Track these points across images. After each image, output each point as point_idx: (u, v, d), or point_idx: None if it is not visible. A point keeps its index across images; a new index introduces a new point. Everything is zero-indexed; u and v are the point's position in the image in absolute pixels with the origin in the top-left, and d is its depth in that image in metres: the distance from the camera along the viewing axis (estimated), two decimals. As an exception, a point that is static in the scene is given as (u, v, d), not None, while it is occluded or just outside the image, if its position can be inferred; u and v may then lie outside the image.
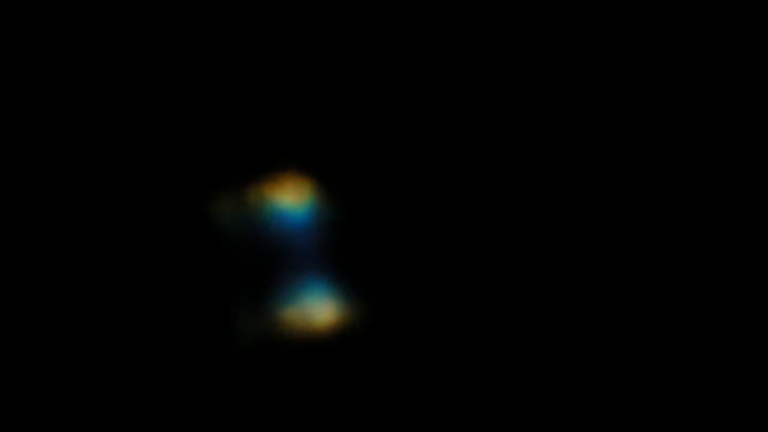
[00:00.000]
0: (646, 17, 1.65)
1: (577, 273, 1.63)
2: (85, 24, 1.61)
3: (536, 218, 1.64)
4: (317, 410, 1.58)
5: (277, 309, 1.61)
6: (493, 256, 1.62)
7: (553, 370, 1.60)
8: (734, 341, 1.60)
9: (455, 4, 1.65)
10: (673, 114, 1.66)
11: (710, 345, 1.60)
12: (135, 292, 1.58)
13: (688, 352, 1.61)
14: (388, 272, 1.63)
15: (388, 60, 1.64)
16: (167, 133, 1.61)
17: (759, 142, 1.63)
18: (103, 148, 1.60)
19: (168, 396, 1.56)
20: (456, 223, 1.63)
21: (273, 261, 1.61)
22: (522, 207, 1.63)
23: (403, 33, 1.64)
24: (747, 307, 1.60)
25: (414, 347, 1.60)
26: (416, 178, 1.64)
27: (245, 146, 1.62)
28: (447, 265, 1.62)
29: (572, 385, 1.60)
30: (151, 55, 1.61)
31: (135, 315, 1.57)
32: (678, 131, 1.65)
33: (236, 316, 1.60)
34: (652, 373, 1.60)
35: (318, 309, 1.61)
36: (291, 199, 1.63)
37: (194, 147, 1.62)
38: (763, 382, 1.57)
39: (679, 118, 1.66)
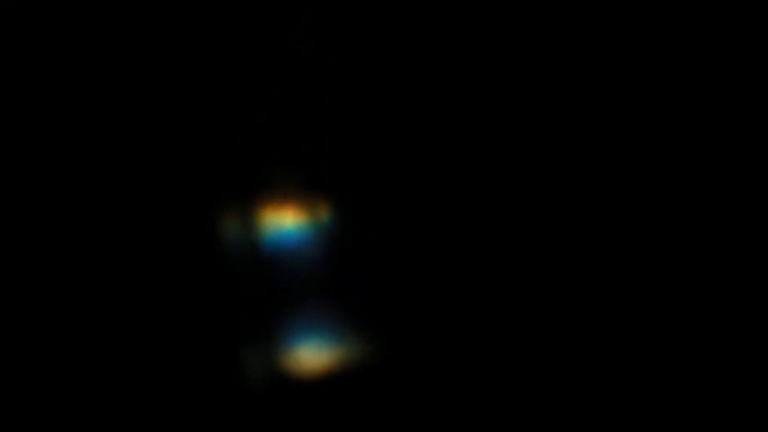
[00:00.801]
0: (646, 17, 1.65)
1: (582, 286, 1.63)
2: (86, 30, 1.61)
3: (544, 242, 1.63)
4: None
5: (282, 340, 1.60)
6: (503, 284, 1.62)
7: (560, 399, 1.60)
8: (734, 341, 1.60)
9: (455, 4, 1.65)
10: (673, 114, 1.66)
11: (710, 345, 1.61)
12: (137, 312, 1.57)
13: (688, 353, 1.61)
14: (395, 297, 1.62)
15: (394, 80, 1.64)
16: (168, 155, 1.60)
17: (759, 142, 1.63)
18: (105, 169, 1.59)
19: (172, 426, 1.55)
20: (466, 249, 1.62)
21: (278, 289, 1.60)
22: (528, 234, 1.63)
23: (403, 36, 1.64)
24: (747, 307, 1.61)
25: (423, 376, 1.60)
26: (427, 200, 1.63)
27: (247, 168, 1.62)
28: (456, 291, 1.61)
29: (576, 393, 1.60)
30: (151, 74, 1.60)
31: (138, 335, 1.57)
32: (678, 131, 1.66)
33: (242, 346, 1.59)
34: (652, 373, 1.61)
35: (323, 341, 1.59)
36: (296, 221, 1.62)
37: (196, 170, 1.61)
38: (763, 382, 1.58)
39: (679, 118, 1.66)
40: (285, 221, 1.62)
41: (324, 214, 1.62)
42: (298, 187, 1.63)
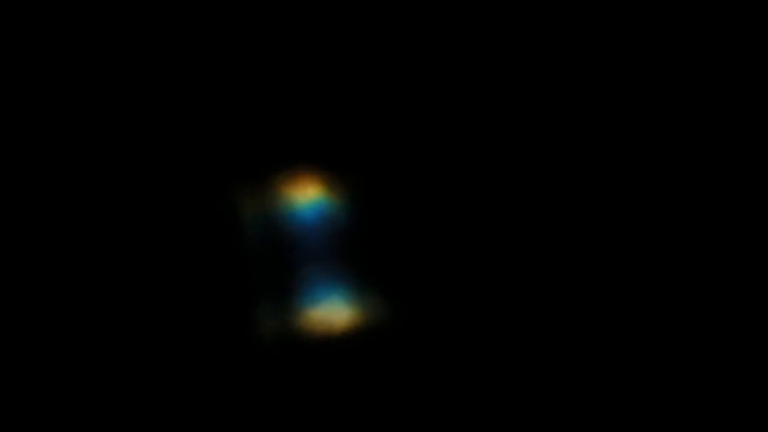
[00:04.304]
0: (646, 17, 1.66)
1: (582, 270, 1.64)
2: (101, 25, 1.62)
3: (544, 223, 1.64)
4: (333, 406, 1.60)
5: (296, 305, 1.63)
6: (508, 254, 1.63)
7: (558, 367, 1.61)
8: (734, 341, 1.61)
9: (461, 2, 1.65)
10: (673, 114, 1.66)
11: (710, 345, 1.61)
12: (154, 288, 1.61)
13: (688, 353, 1.62)
14: (405, 268, 1.64)
15: (400, 57, 1.64)
16: (185, 133, 1.63)
17: (759, 142, 1.64)
18: (125, 150, 1.63)
19: (187, 391, 1.59)
20: (471, 220, 1.64)
21: (292, 257, 1.64)
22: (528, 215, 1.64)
23: (409, 30, 1.64)
24: (747, 307, 1.61)
25: (430, 343, 1.62)
26: (433, 174, 1.64)
27: (262, 144, 1.64)
28: (463, 261, 1.63)
29: (577, 387, 1.61)
30: (165, 56, 1.63)
31: (153, 310, 1.61)
32: (678, 131, 1.66)
33: (256, 313, 1.62)
34: (652, 373, 1.61)
35: (336, 304, 1.62)
36: (308, 195, 1.65)
37: (212, 146, 1.64)
38: (763, 382, 1.59)
39: (679, 118, 1.66)
40: (298, 195, 1.65)
41: (335, 189, 1.65)
42: (312, 164, 1.66)
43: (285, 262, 1.65)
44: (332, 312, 1.63)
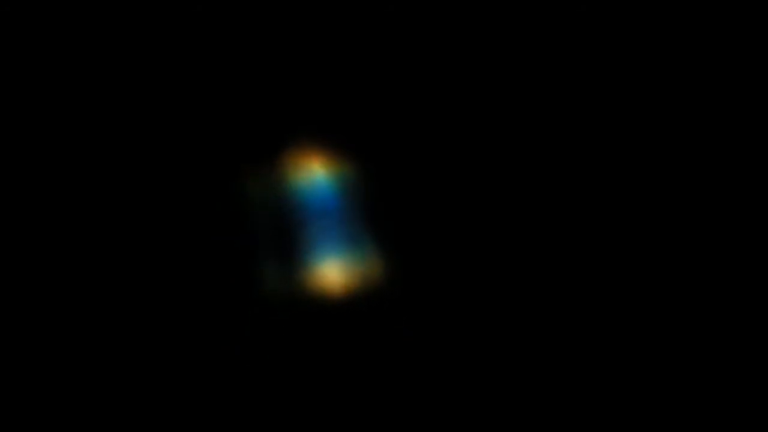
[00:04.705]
0: (646, 17, 1.66)
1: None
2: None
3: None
4: (339, 369, 1.61)
5: (301, 270, 1.65)
6: (514, 222, 1.64)
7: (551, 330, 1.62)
8: (734, 341, 1.60)
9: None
10: (673, 114, 1.66)
11: (710, 345, 1.61)
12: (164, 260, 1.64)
13: (688, 352, 1.61)
14: (409, 243, 1.65)
15: (408, 40, 1.65)
16: (197, 109, 1.66)
17: (759, 142, 1.64)
18: (139, 125, 1.66)
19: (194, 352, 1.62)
20: (476, 188, 1.64)
21: (299, 232, 1.66)
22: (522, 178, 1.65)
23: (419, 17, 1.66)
24: (747, 307, 1.61)
25: (436, 309, 1.63)
26: (437, 151, 1.65)
27: (270, 121, 1.66)
28: (466, 233, 1.64)
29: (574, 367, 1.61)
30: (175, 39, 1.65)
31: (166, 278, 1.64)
32: (678, 131, 1.66)
33: (262, 277, 1.64)
34: (652, 373, 1.61)
35: (339, 272, 1.63)
36: (315, 170, 1.66)
37: (219, 119, 1.66)
38: (763, 382, 1.58)
39: (679, 118, 1.66)
40: (304, 168, 1.67)
41: (340, 162, 1.67)
42: (319, 141, 1.67)
43: (291, 231, 1.67)
44: (337, 275, 1.64)
